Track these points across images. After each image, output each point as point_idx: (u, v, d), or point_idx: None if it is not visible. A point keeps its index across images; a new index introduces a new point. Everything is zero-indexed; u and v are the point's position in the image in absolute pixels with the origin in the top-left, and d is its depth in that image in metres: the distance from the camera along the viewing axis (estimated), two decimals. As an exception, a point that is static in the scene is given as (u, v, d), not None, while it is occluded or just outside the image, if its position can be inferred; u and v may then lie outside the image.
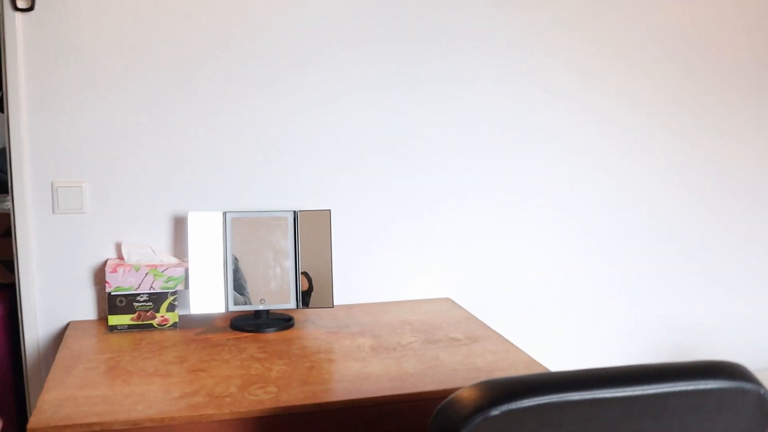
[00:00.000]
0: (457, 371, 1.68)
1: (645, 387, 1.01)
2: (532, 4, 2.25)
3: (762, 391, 1.06)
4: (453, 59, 2.21)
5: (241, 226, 1.94)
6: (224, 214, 1.94)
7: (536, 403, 0.96)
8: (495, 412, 0.95)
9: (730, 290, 2.71)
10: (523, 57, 2.28)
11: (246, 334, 1.91)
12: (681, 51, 2.45)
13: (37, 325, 2.00)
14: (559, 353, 2.52)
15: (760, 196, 2.68)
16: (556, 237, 2.43)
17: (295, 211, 1.98)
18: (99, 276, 2.02)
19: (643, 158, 2.48)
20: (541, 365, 1.72)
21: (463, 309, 2.19)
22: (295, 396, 1.52)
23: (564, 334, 2.51)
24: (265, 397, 1.51)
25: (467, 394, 0.98)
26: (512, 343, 1.87)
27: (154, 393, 1.52)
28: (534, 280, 2.43)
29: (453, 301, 2.30)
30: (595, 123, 2.40)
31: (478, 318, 2.26)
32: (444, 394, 1.58)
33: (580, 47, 2.33)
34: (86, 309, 2.03)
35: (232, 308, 1.93)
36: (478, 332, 1.97)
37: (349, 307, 2.19)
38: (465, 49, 2.22)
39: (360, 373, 1.66)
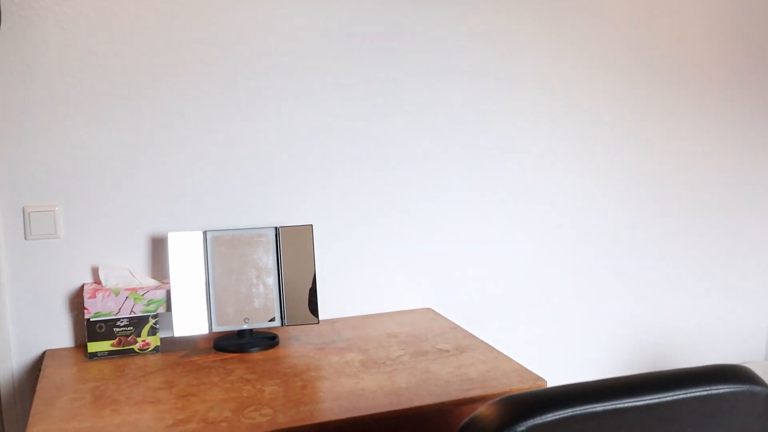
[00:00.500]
0: (451, 383, 1.67)
1: (662, 394, 1.02)
2: (504, 17, 2.27)
3: (770, 393, 1.08)
4: (430, 72, 2.21)
5: (222, 245, 1.91)
6: (204, 233, 1.90)
7: (561, 416, 0.95)
8: (521, 428, 0.94)
9: (699, 289, 2.77)
10: (496, 67, 2.29)
11: (231, 355, 1.88)
12: (648, 58, 2.50)
13: (10, 355, 1.93)
14: (539, 359, 2.53)
15: (745, 202, 2.74)
16: (533, 245, 2.45)
17: (276, 228, 1.95)
18: (75, 302, 1.96)
19: (624, 167, 2.52)
20: (532, 373, 1.72)
21: (446, 319, 2.19)
22: (292, 417, 1.49)
23: (543, 340, 2.52)
24: (261, 420, 1.48)
25: (490, 411, 0.97)
26: (500, 352, 1.87)
27: (147, 422, 1.48)
28: (512, 288, 2.44)
29: (434, 311, 2.29)
30: (571, 133, 2.42)
31: (462, 327, 2.25)
32: (441, 407, 1.57)
33: (549, 58, 2.36)
34: (62, 336, 1.96)
35: (216, 329, 1.89)
36: (465, 342, 1.96)
37: (332, 322, 2.17)
38: (442, 62, 2.22)
39: (354, 389, 1.64)
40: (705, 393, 1.05)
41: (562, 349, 2.56)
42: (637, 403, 1.01)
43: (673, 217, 2.66)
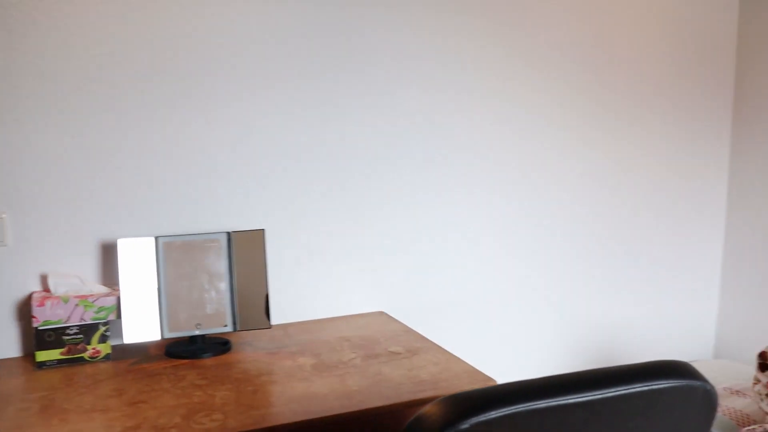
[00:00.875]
0: (402, 385, 1.69)
1: (605, 390, 1.04)
2: (453, 21, 2.30)
3: (708, 387, 1.11)
4: (377, 72, 2.23)
5: (173, 251, 1.90)
6: (156, 239, 1.89)
7: (504, 413, 0.97)
8: (464, 425, 0.96)
9: (649, 290, 2.83)
10: (444, 70, 2.32)
11: (183, 361, 1.87)
12: (590, 63, 2.55)
13: (-44, 365, 1.89)
14: (491, 359, 2.56)
15: (694, 205, 2.81)
16: (484, 247, 2.48)
17: (228, 233, 1.95)
18: (23, 311, 1.93)
19: (565, 168, 2.57)
20: (483, 374, 1.74)
21: (399, 321, 2.21)
22: (243, 422, 1.49)
23: (496, 341, 2.56)
24: (212, 425, 1.48)
25: (435, 410, 0.99)
26: (452, 354, 1.89)
27: (96, 430, 1.47)
28: (465, 290, 2.47)
29: (387, 314, 2.31)
30: (517, 135, 2.46)
31: (414, 330, 2.27)
32: (392, 408, 1.58)
33: (497, 60, 2.39)
34: (10, 346, 1.93)
35: (168, 335, 1.88)
36: (417, 344, 1.98)
37: (285, 327, 2.17)
38: (398, 67, 2.24)
39: (306, 393, 1.64)
40: (646, 388, 1.08)
41: (515, 349, 2.60)
42: (580, 400, 1.04)
43: (623, 219, 2.72)
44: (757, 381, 2.13)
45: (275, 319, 2.21)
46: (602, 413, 1.06)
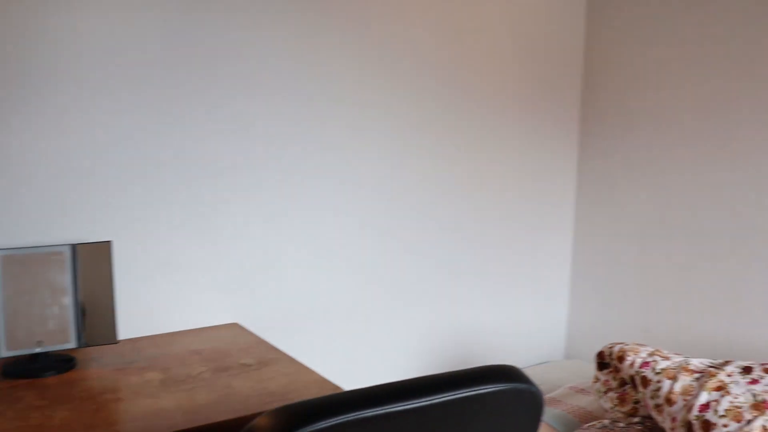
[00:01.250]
0: (250, 397, 1.69)
1: (433, 397, 1.08)
2: (306, 31, 2.32)
3: (533, 389, 1.18)
4: (230, 83, 2.22)
5: (13, 264, 1.82)
6: (-9, 253, 1.80)
7: (332, 423, 0.99)
8: (293, 437, 0.97)
9: (501, 297, 2.94)
10: (306, 82, 2.34)
11: (21, 381, 1.79)
12: (443, 72, 2.64)
13: None
14: (348, 368, 2.59)
15: (544, 212, 2.94)
16: (336, 256, 2.51)
17: (73, 245, 1.89)
18: None
19: (419, 176, 2.64)
20: (332, 384, 1.77)
21: (252, 333, 2.20)
22: (82, 442, 1.45)
23: (351, 349, 2.59)
24: (48, 447, 1.43)
25: (263, 423, 1.00)
26: (303, 364, 1.91)
27: None
28: (320, 299, 2.49)
29: (241, 326, 2.30)
30: (369, 143, 2.51)
31: (268, 341, 2.27)
32: (239, 422, 1.58)
33: (349, 68, 2.43)
34: None
35: (5, 354, 1.80)
36: (269, 356, 1.98)
37: (135, 341, 2.12)
38: (248, 74, 2.24)
39: (150, 409, 1.61)
40: (473, 393, 1.13)
41: (369, 357, 2.64)
42: (408, 407, 1.07)
43: (476, 226, 2.82)
44: (597, 379, 2.26)
45: (125, 333, 2.15)
46: (432, 419, 1.10)
